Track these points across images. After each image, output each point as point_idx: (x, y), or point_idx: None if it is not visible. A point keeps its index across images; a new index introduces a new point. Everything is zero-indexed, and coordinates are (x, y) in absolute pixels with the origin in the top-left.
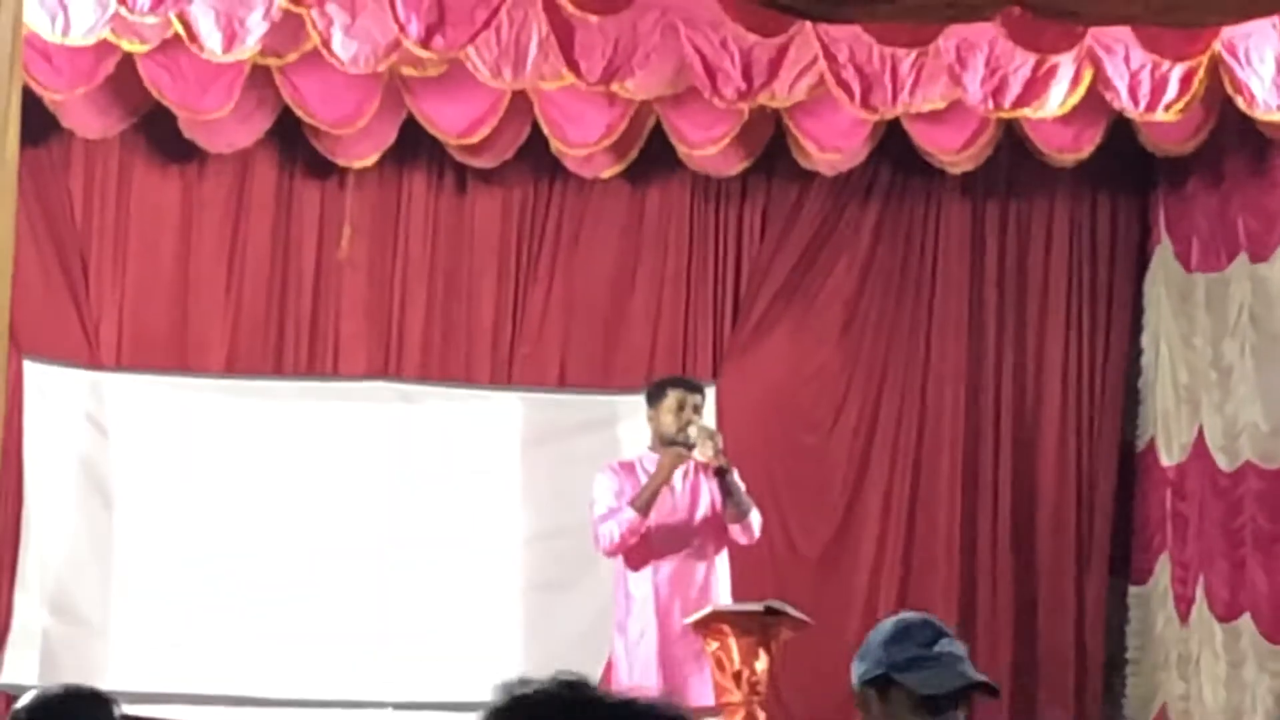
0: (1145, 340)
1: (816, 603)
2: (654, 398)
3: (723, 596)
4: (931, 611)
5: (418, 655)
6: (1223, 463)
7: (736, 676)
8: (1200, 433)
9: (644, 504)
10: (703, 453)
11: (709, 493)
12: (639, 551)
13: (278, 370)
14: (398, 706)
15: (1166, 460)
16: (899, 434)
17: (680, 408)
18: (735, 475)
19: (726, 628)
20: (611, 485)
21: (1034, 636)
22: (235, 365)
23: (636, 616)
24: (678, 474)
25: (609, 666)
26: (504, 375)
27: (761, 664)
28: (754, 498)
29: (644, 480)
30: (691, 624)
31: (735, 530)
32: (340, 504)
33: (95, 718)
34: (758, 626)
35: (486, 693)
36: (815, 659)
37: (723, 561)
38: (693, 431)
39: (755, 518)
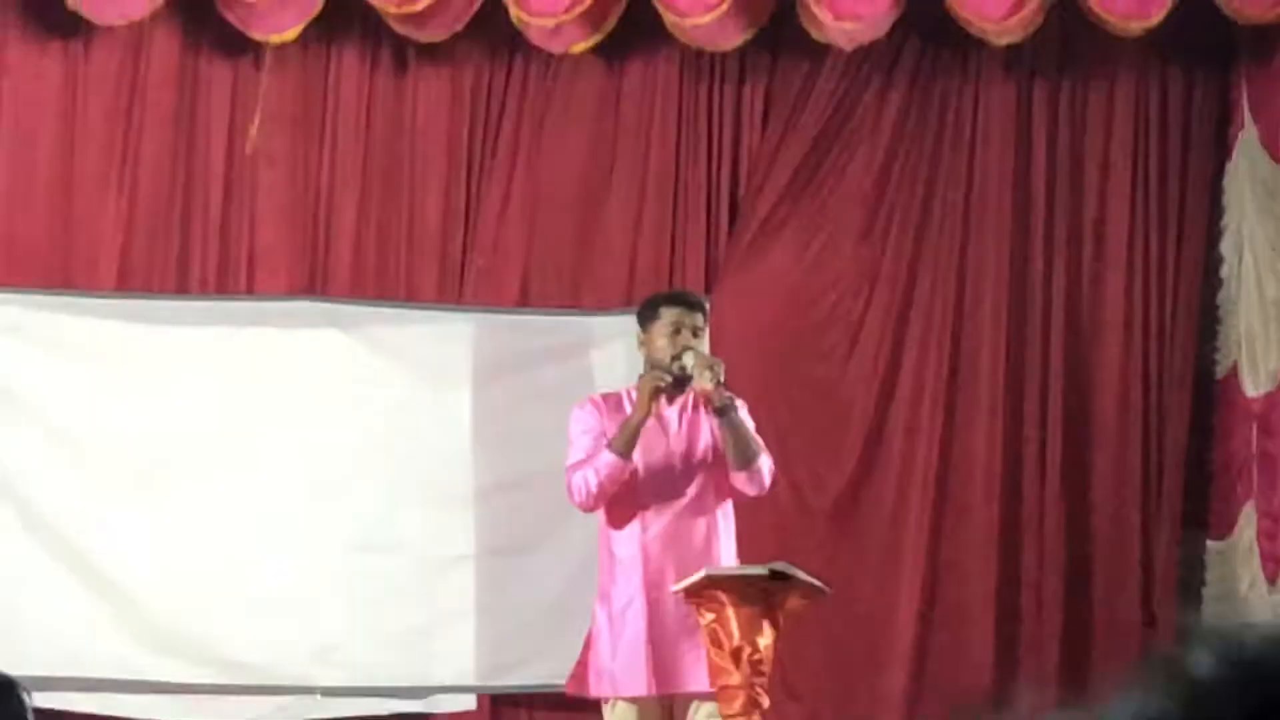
0: (1225, 247)
1: (829, 565)
2: (645, 318)
3: (725, 558)
4: (966, 572)
5: (348, 630)
6: None
7: (735, 654)
8: None
9: (624, 444)
10: (700, 384)
11: (709, 433)
12: (624, 504)
13: (181, 288)
14: (326, 692)
15: (1251, 390)
16: (927, 362)
17: (676, 330)
18: (741, 412)
19: (724, 596)
20: (590, 424)
21: (1090, 601)
22: (130, 282)
23: (622, 583)
24: (672, 411)
25: (588, 643)
26: (453, 293)
27: (765, 639)
28: None
29: None
30: (682, 591)
31: (740, 479)
32: (256, 447)
33: (7, 708)
34: (761, 594)
35: (429, 675)
36: (825, 629)
37: (725, 516)
38: (689, 359)
39: (765, 463)
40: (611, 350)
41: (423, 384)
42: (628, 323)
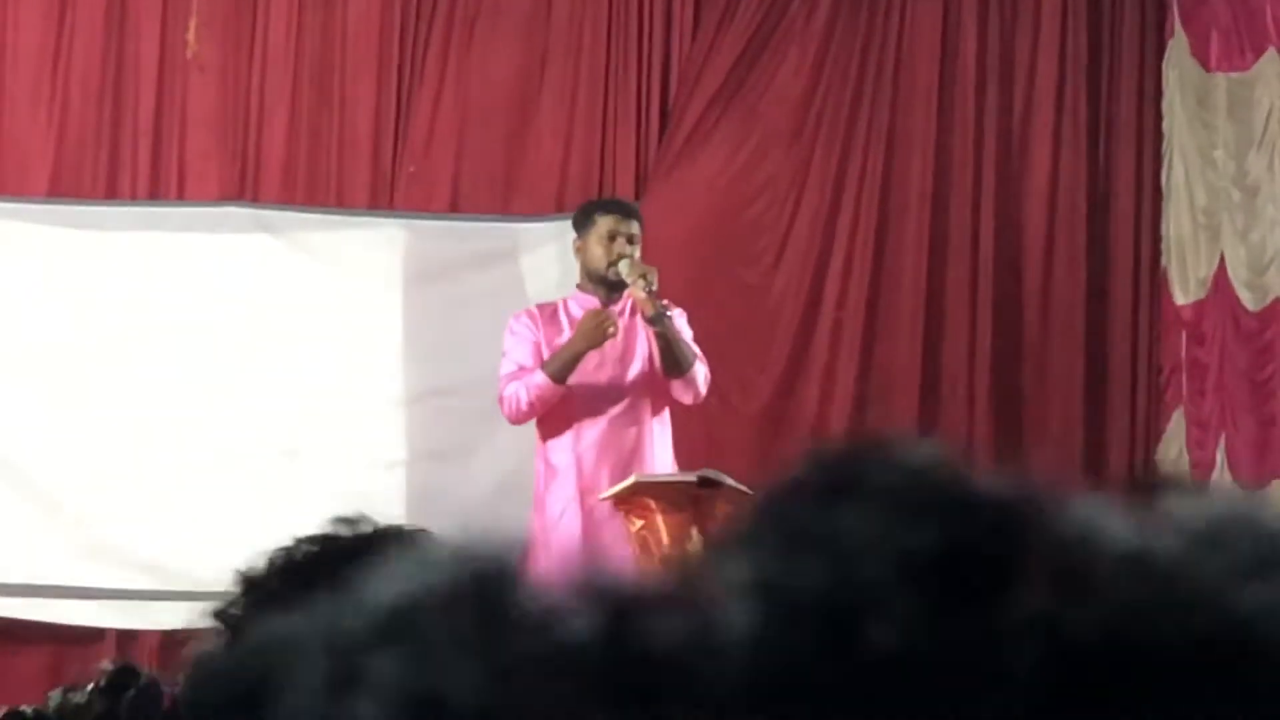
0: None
1: (756, 470)
2: (581, 224)
3: (660, 466)
4: None
5: (279, 535)
6: (1248, 300)
7: (665, 561)
8: (1221, 264)
9: (560, 370)
10: (634, 292)
11: (644, 341)
12: (558, 413)
13: (111, 194)
14: None
15: (1181, 298)
16: (852, 267)
17: (611, 238)
18: (679, 320)
19: (652, 502)
20: (526, 335)
21: None
22: (60, 188)
23: (556, 491)
24: None
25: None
26: (384, 199)
27: (694, 546)
28: None
29: (568, 329)
30: (610, 498)
31: (675, 387)
32: (186, 354)
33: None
34: (689, 500)
35: None
36: None
37: (662, 424)
38: (624, 267)
39: (700, 371)
40: (542, 256)
41: (353, 289)
42: (558, 228)
